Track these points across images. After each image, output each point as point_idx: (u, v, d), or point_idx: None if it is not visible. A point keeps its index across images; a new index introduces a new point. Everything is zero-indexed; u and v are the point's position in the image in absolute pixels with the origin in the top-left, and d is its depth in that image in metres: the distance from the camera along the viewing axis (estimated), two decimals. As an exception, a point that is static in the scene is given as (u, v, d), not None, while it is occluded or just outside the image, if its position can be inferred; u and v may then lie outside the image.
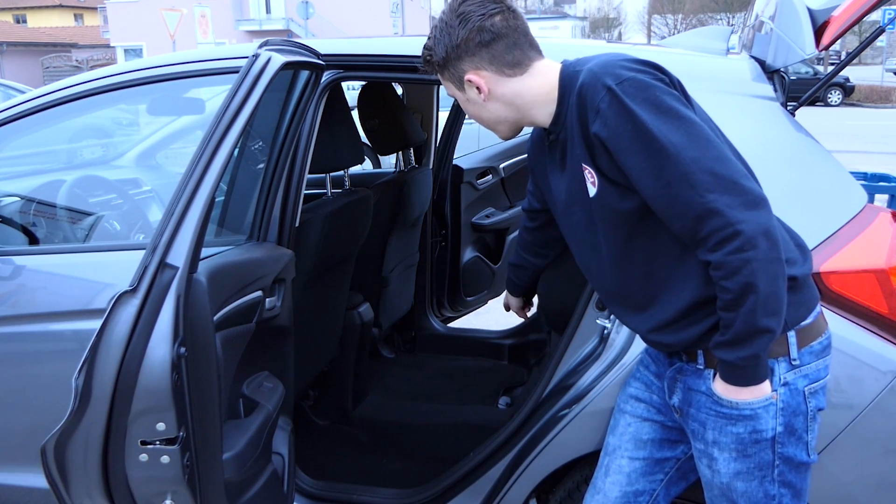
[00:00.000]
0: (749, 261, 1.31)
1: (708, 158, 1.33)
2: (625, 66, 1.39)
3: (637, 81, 1.36)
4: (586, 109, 1.40)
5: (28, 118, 2.31)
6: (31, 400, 2.18)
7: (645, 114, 1.34)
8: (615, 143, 1.37)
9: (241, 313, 1.85)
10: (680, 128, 1.34)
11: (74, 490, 1.63)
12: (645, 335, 1.58)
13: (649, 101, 1.35)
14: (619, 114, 1.36)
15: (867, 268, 1.68)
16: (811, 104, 2.49)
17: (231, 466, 1.77)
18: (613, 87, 1.36)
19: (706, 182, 1.32)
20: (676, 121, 1.35)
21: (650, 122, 1.34)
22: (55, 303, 2.13)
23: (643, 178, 1.37)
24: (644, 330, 1.56)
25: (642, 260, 1.49)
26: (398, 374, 3.36)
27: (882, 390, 1.67)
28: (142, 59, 2.38)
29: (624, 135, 1.36)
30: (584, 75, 1.42)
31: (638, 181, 1.38)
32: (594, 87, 1.38)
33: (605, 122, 1.37)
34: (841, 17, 1.78)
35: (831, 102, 22.71)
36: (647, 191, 1.38)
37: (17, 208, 2.64)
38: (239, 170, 2.23)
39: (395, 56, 2.17)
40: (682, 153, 1.33)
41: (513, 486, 1.96)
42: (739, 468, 1.48)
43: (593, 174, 1.45)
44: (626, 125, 1.35)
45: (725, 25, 2.41)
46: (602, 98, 1.37)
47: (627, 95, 1.35)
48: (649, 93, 1.36)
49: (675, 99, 1.38)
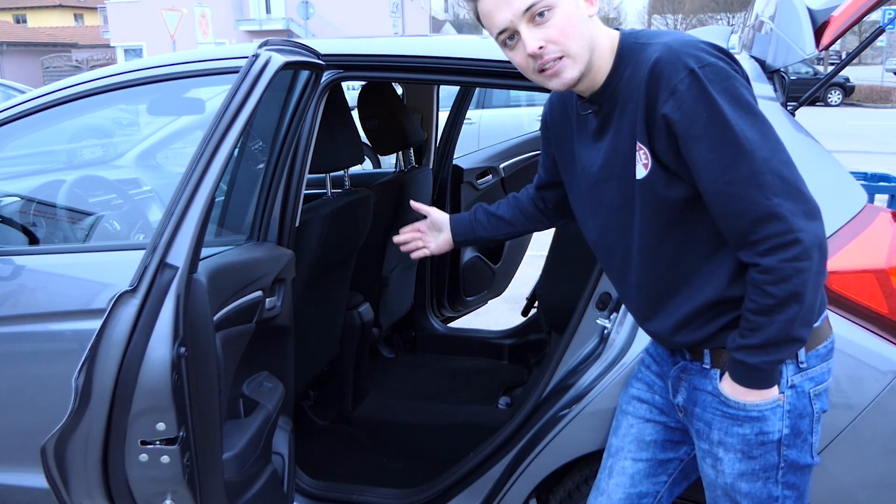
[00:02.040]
0: (802, 271, 1.29)
1: (777, 161, 1.31)
2: (705, 51, 1.33)
3: (719, 69, 1.31)
4: (659, 88, 1.32)
5: (28, 118, 2.31)
6: (31, 400, 2.18)
7: (725, 104, 1.29)
8: (685, 129, 1.32)
9: (242, 313, 1.85)
10: (755, 125, 1.31)
11: (74, 490, 1.63)
12: (663, 336, 1.55)
13: (729, 92, 1.30)
14: (697, 99, 1.30)
15: (867, 268, 1.68)
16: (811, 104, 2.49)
17: (231, 466, 1.77)
18: (696, 70, 1.29)
19: (774, 185, 1.29)
20: (752, 117, 1.31)
21: (729, 114, 1.29)
22: (55, 303, 2.13)
23: (708, 169, 1.32)
24: (664, 330, 1.53)
25: (672, 251, 1.46)
26: (398, 374, 3.36)
27: (882, 390, 1.67)
28: (142, 59, 2.39)
29: (698, 122, 1.30)
30: (660, 50, 1.33)
31: (701, 172, 1.33)
32: (674, 65, 1.31)
33: (680, 105, 1.31)
34: (841, 17, 1.78)
35: (831, 102, 22.72)
36: (708, 184, 1.33)
37: (17, 208, 2.64)
38: (239, 170, 2.23)
39: (395, 56, 2.17)
40: (757, 151, 1.29)
41: (513, 486, 1.96)
42: (744, 469, 1.48)
43: (647, 155, 1.39)
44: (702, 112, 1.30)
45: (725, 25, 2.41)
46: (682, 79, 1.30)
47: (709, 81, 1.29)
48: (730, 83, 1.31)
49: (751, 94, 1.35)
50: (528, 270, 4.03)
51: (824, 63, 26.59)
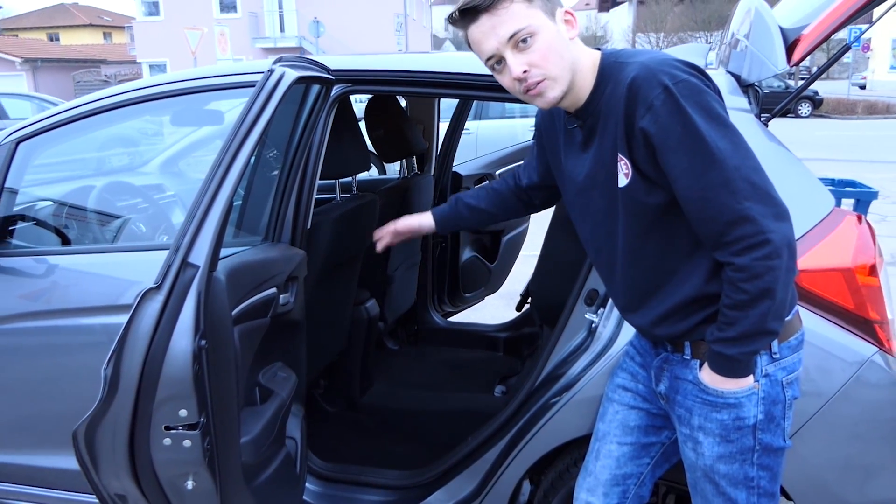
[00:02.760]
0: (773, 268, 1.30)
1: (747, 168, 1.31)
2: (679, 68, 1.34)
3: (692, 84, 1.32)
4: (637, 103, 1.33)
5: (60, 129, 2.31)
6: (63, 388, 2.18)
7: (697, 117, 1.30)
8: (662, 140, 1.32)
9: (257, 308, 1.85)
10: (726, 135, 1.32)
11: (103, 471, 1.63)
12: (647, 329, 1.55)
13: (701, 106, 1.31)
14: (672, 113, 1.30)
15: (835, 266, 1.68)
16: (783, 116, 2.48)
17: (248, 450, 1.77)
18: (671, 86, 1.30)
19: (745, 190, 1.30)
20: (723, 128, 1.32)
21: (702, 126, 1.30)
22: (86, 299, 2.13)
23: (683, 177, 1.33)
24: (647, 324, 1.53)
25: (654, 252, 1.47)
26: (402, 364, 3.36)
27: (848, 379, 1.67)
28: (165, 73, 2.38)
29: (673, 133, 1.31)
30: (637, 69, 1.34)
31: (677, 179, 1.34)
32: (650, 82, 1.32)
33: (656, 119, 1.32)
34: (810, 36, 1.78)
35: (801, 114, 22.70)
36: (684, 190, 1.34)
37: (50, 212, 2.64)
38: (255, 176, 2.23)
39: (399, 71, 2.17)
40: (727, 160, 1.30)
41: (508, 467, 1.96)
42: (722, 452, 1.48)
43: (628, 165, 1.40)
44: (677, 125, 1.31)
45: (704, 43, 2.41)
46: (657, 95, 1.31)
47: (682, 96, 1.30)
48: (702, 97, 1.32)
49: (722, 107, 1.35)
50: (522, 269, 4.03)
51: (795, 78, 26.54)
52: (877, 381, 1.68)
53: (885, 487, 1.72)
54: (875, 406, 1.69)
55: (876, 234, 1.79)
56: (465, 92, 2.14)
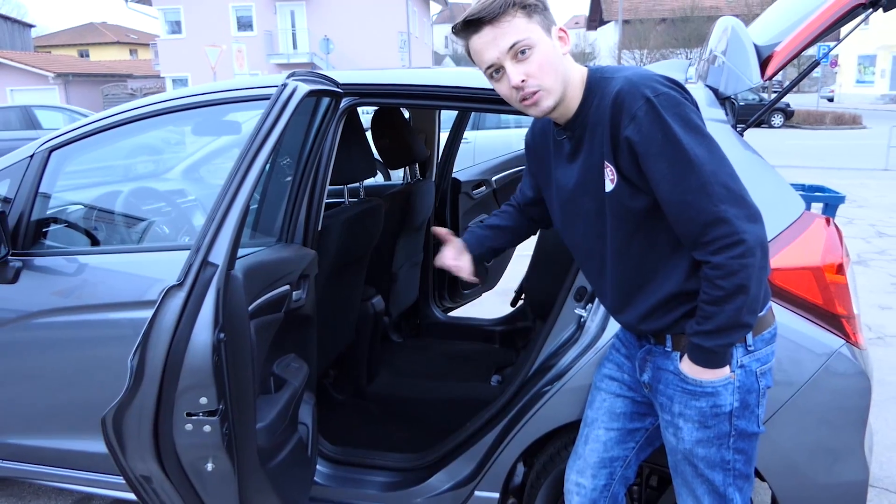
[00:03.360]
0: (746, 266, 1.30)
1: (723, 174, 1.31)
2: (660, 82, 1.35)
3: (671, 97, 1.33)
4: (621, 114, 1.34)
5: (90, 138, 2.31)
6: (92, 378, 2.18)
7: (677, 127, 1.31)
8: (644, 148, 1.33)
9: (272, 304, 1.85)
10: (703, 143, 1.32)
11: (130, 455, 1.63)
12: (633, 325, 1.55)
13: (680, 116, 1.32)
14: (654, 123, 1.31)
15: (805, 265, 1.68)
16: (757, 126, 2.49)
17: (263, 435, 1.77)
18: (651, 98, 1.31)
19: (720, 194, 1.30)
20: (700, 137, 1.32)
21: (681, 135, 1.30)
22: (113, 295, 2.13)
23: (664, 182, 1.33)
24: (633, 319, 1.53)
25: (638, 252, 1.46)
26: (405, 355, 3.36)
27: (818, 370, 1.67)
28: (187, 87, 2.38)
29: (655, 142, 1.31)
30: (621, 83, 1.35)
31: (658, 184, 1.34)
32: (633, 95, 1.32)
33: (640, 129, 1.32)
34: (782, 52, 1.78)
35: (774, 125, 22.68)
36: (665, 194, 1.34)
37: (81, 215, 2.65)
38: (270, 181, 2.23)
39: (402, 85, 2.16)
40: (704, 166, 1.30)
41: (503, 451, 1.96)
42: (701, 437, 1.48)
43: (613, 171, 1.40)
44: (658, 134, 1.31)
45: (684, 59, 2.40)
46: (640, 107, 1.32)
47: (663, 108, 1.31)
48: (681, 109, 1.33)
49: (699, 118, 1.36)
50: (516, 267, 4.03)
51: (768, 91, 26.48)
52: (844, 372, 1.68)
53: (851, 469, 1.72)
54: (842, 394, 1.69)
55: (843, 235, 1.79)
56: (463, 104, 2.14)
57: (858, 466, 1.72)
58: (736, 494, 1.52)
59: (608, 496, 1.69)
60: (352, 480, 2.22)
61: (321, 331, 2.29)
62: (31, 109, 13.47)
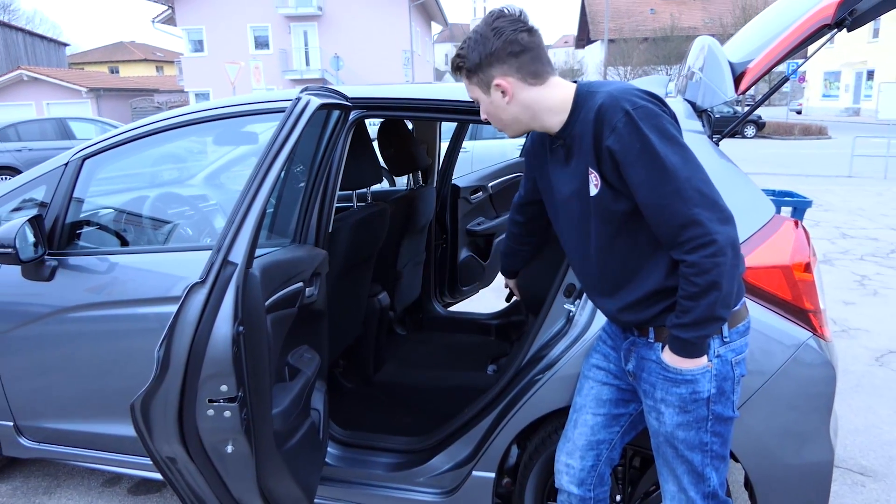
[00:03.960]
0: (718, 264, 1.30)
1: (696, 179, 1.32)
2: (639, 96, 1.36)
3: (649, 110, 1.34)
4: (603, 126, 1.35)
5: (120, 147, 2.31)
6: (122, 368, 2.18)
7: (653, 136, 1.31)
8: (623, 156, 1.34)
9: (287, 300, 1.85)
10: (678, 152, 1.32)
11: (156, 438, 1.63)
12: (615, 315, 1.55)
13: (656, 127, 1.32)
14: (632, 133, 1.32)
15: (775, 264, 1.68)
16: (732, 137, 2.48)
17: (278, 419, 1.77)
18: (630, 111, 1.32)
19: (694, 198, 1.30)
20: (675, 146, 1.33)
21: (657, 144, 1.31)
22: (141, 291, 2.13)
23: (642, 187, 1.34)
24: (615, 310, 1.54)
25: (621, 251, 1.47)
26: (409, 347, 3.35)
27: (787, 360, 1.67)
28: (209, 101, 2.38)
29: (633, 151, 1.32)
30: (604, 97, 1.37)
31: (637, 189, 1.35)
32: (614, 108, 1.34)
33: (619, 139, 1.33)
34: (755, 69, 1.78)
35: (747, 135, 22.66)
36: (643, 198, 1.35)
37: (111, 218, 2.65)
38: (285, 187, 2.23)
39: (406, 99, 2.16)
40: (678, 172, 1.31)
41: (498, 434, 1.95)
42: (681, 420, 1.48)
43: (597, 177, 1.41)
44: (635, 143, 1.32)
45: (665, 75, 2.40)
46: (620, 119, 1.33)
47: (640, 119, 1.32)
48: (657, 120, 1.33)
49: (675, 128, 1.36)
50: (511, 266, 4.02)
51: (742, 104, 26.53)
52: (811, 362, 1.68)
53: (817, 451, 1.72)
54: (809, 382, 1.69)
55: (810, 236, 1.79)
56: (461, 116, 2.14)
57: (824, 448, 1.72)
58: (713, 473, 1.52)
59: (595, 476, 1.68)
60: (360, 461, 2.22)
61: (332, 324, 2.29)
62: (66, 121, 13.46)
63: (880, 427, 3.00)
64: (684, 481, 1.53)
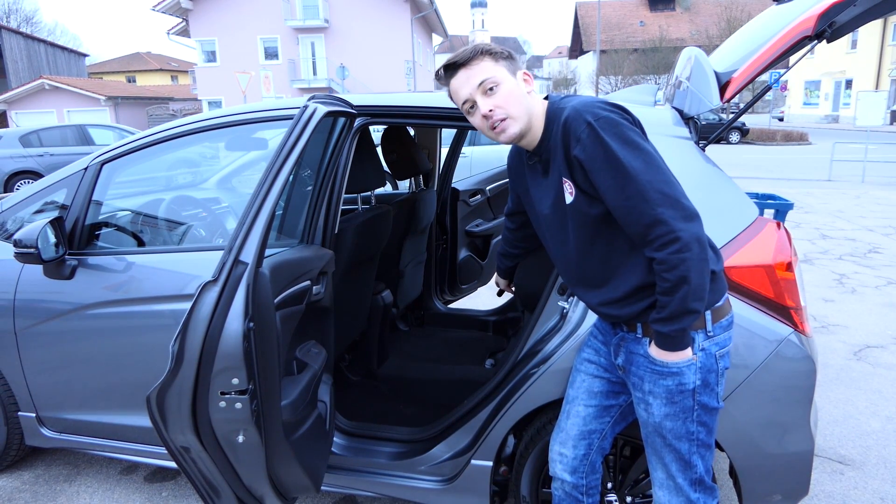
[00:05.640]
0: (685, 260, 1.31)
1: (658, 181, 1.33)
2: (600, 107, 1.38)
3: (610, 119, 1.36)
4: (570, 137, 1.39)
5: (137, 153, 2.31)
6: (138, 362, 2.18)
7: (614, 144, 1.33)
8: (590, 164, 1.36)
9: (295, 297, 1.85)
10: (639, 157, 1.34)
11: (171, 428, 1.63)
12: (597, 308, 1.56)
13: (618, 135, 1.34)
14: (595, 142, 1.34)
15: (758, 263, 1.68)
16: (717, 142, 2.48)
17: (287, 411, 1.77)
18: (592, 122, 1.35)
19: (657, 199, 1.32)
20: (637, 151, 1.34)
21: (618, 151, 1.33)
22: (156, 289, 2.13)
23: (609, 192, 1.36)
24: (597, 303, 1.55)
25: (600, 252, 1.48)
26: (411, 342, 3.35)
27: (769, 354, 1.67)
28: (221, 108, 2.38)
29: (597, 158, 1.35)
30: (569, 111, 1.40)
31: (605, 194, 1.37)
32: (577, 120, 1.37)
33: (584, 148, 1.36)
34: (739, 78, 1.78)
35: (732, 141, 22.65)
36: (611, 202, 1.37)
37: (128, 219, 2.65)
38: (293, 190, 2.23)
39: (408, 107, 2.17)
40: (640, 175, 1.32)
41: (496, 425, 1.96)
42: (668, 411, 1.48)
43: (571, 186, 1.43)
44: (599, 151, 1.34)
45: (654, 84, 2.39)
46: (583, 130, 1.36)
47: (602, 129, 1.34)
48: (618, 129, 1.35)
49: (637, 134, 1.37)
50: (507, 265, 4.03)
51: (727, 112, 26.53)
52: (792, 356, 1.68)
53: (797, 441, 1.72)
54: (790, 375, 1.69)
55: (792, 237, 1.79)
56: (461, 123, 2.14)
57: (805, 438, 1.72)
58: (699, 461, 1.52)
59: (587, 464, 1.69)
60: (364, 451, 2.22)
61: (338, 320, 2.29)
62: (85, 128, 13.46)
63: (858, 418, 3.00)
64: (672, 469, 1.53)
